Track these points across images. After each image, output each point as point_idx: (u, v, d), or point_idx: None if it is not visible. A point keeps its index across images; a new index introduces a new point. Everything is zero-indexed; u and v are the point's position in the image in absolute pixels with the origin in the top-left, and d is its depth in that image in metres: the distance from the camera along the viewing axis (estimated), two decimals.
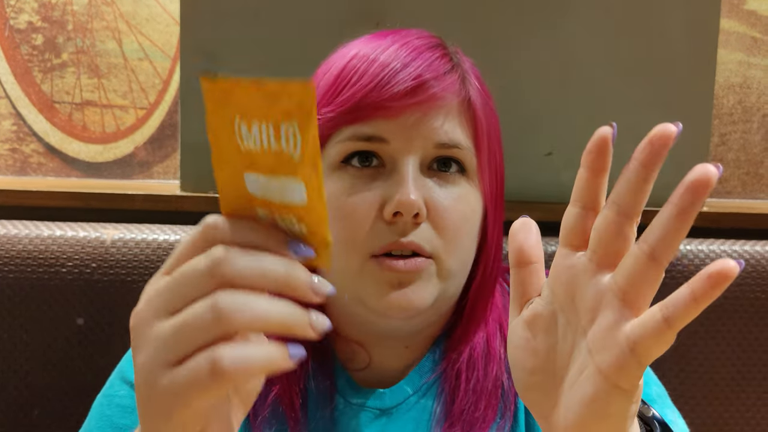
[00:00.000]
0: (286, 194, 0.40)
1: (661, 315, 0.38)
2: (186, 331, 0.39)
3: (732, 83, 1.48)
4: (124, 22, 1.42)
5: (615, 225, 0.42)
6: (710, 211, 1.23)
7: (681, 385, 1.13)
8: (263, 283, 0.39)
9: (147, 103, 1.43)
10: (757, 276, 1.12)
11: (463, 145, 0.70)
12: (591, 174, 0.44)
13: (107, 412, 0.70)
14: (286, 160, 0.38)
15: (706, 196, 0.37)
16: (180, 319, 0.40)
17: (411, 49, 0.69)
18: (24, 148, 1.43)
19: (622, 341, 0.40)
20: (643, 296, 0.40)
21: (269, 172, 0.39)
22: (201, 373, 0.38)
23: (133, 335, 0.42)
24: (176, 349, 0.39)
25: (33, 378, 1.05)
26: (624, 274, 0.41)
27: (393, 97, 0.66)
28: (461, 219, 0.70)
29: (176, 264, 0.42)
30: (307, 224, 0.41)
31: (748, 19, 1.47)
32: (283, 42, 1.19)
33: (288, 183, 0.39)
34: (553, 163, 1.21)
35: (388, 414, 0.74)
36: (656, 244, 0.39)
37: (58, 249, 1.05)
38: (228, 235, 0.41)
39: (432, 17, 1.19)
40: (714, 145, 1.48)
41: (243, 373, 0.39)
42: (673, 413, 0.72)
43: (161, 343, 0.40)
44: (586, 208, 0.44)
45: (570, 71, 1.21)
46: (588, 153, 0.44)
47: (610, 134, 0.44)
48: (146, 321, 0.41)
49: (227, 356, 0.38)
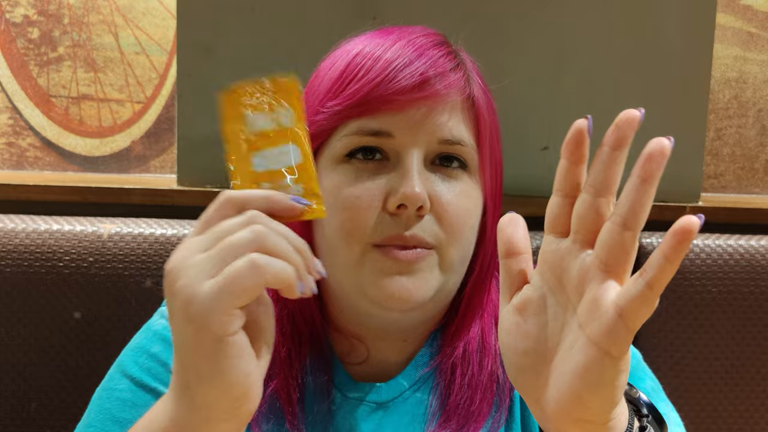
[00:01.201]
0: (286, 158, 0.55)
1: (642, 279, 0.42)
2: (227, 248, 0.47)
3: (728, 78, 1.48)
4: (120, 16, 1.41)
5: (593, 206, 0.45)
6: (705, 206, 1.24)
7: (675, 378, 1.13)
8: (290, 241, 0.50)
9: (144, 97, 1.43)
10: (752, 270, 1.13)
11: (466, 142, 0.71)
12: (570, 164, 0.47)
13: (107, 405, 0.70)
14: (283, 131, 0.56)
15: (664, 163, 0.43)
16: (222, 244, 0.48)
17: (416, 47, 0.70)
18: (21, 142, 1.43)
19: (609, 309, 0.43)
20: (622, 264, 0.45)
21: (272, 144, 0.55)
22: (240, 269, 0.46)
23: (170, 275, 0.48)
24: (218, 263, 0.47)
25: (30, 372, 1.05)
26: (602, 246, 0.44)
27: (399, 91, 0.67)
28: (464, 213, 0.70)
29: (201, 226, 0.50)
30: (303, 181, 0.55)
31: (744, 14, 1.48)
32: (280, 35, 1.19)
33: (286, 147, 0.55)
34: (549, 158, 1.22)
35: (384, 407, 0.74)
36: (626, 213, 0.43)
37: (55, 243, 1.05)
38: (242, 198, 0.51)
39: (427, 12, 1.19)
40: (709, 140, 1.49)
41: (274, 271, 0.47)
42: (667, 407, 0.73)
43: (203, 263, 0.47)
44: (567, 195, 0.48)
45: (566, 66, 1.22)
46: (566, 145, 0.47)
47: (585, 126, 0.48)
48: (184, 259, 0.48)
49: (262, 257, 0.47)
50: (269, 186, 0.54)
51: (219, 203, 0.50)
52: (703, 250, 1.13)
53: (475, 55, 0.80)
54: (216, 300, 0.46)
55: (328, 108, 0.70)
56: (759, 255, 1.14)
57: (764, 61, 1.49)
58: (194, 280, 0.46)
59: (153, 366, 0.71)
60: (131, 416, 0.68)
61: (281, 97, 0.56)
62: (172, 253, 0.50)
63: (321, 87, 0.72)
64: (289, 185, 0.54)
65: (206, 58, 1.19)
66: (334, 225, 0.69)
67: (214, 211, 0.50)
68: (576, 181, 0.47)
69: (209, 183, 1.19)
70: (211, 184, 1.19)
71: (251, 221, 0.49)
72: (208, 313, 0.46)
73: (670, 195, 1.23)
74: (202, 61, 1.19)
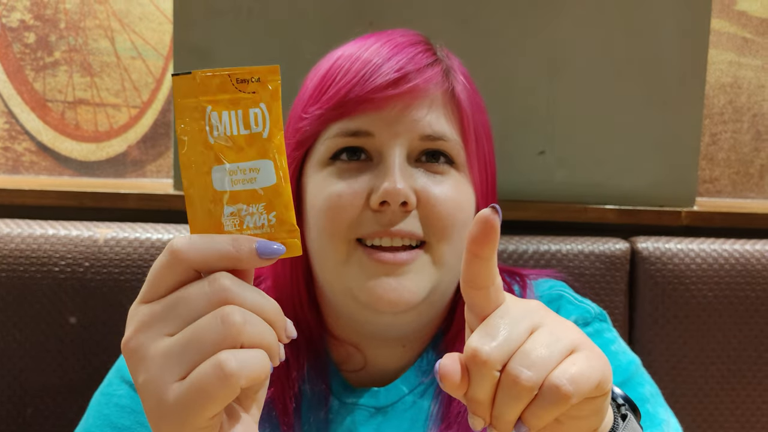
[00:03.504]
0: (256, 177, 0.44)
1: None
2: (195, 342, 0.41)
3: (723, 83, 1.49)
4: (117, 21, 1.41)
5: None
6: (701, 210, 1.24)
7: (672, 383, 1.13)
8: (258, 312, 0.43)
9: (140, 102, 1.43)
10: (747, 274, 1.13)
11: (449, 137, 0.71)
12: (477, 260, 0.44)
13: (105, 411, 0.70)
14: (255, 141, 0.44)
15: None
16: (187, 333, 0.42)
17: (393, 46, 0.70)
18: (16, 146, 1.43)
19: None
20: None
21: (239, 157, 0.44)
22: (209, 378, 0.40)
23: (131, 360, 0.43)
24: (185, 360, 0.41)
25: (26, 377, 1.05)
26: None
27: (376, 89, 0.67)
28: (452, 207, 0.70)
29: (155, 290, 0.44)
30: (276, 209, 0.44)
31: (738, 19, 1.48)
32: (276, 41, 1.19)
33: (257, 164, 0.44)
34: (546, 162, 1.22)
35: (383, 412, 0.74)
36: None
37: (51, 248, 1.04)
38: (199, 258, 0.43)
39: (425, 16, 1.19)
40: (705, 145, 1.49)
41: (247, 374, 0.41)
42: (666, 412, 0.73)
43: (167, 359, 0.41)
44: (479, 287, 0.45)
45: (563, 71, 1.22)
46: (473, 241, 0.43)
47: (493, 219, 0.43)
48: (144, 344, 0.43)
49: (233, 359, 0.40)
50: (232, 211, 0.44)
51: (169, 261, 0.43)
52: (699, 255, 1.14)
53: (472, 60, 0.80)
54: (186, 411, 0.41)
55: (310, 113, 0.70)
56: (754, 259, 1.14)
57: (759, 66, 1.49)
58: (159, 380, 0.41)
59: None
60: (130, 422, 0.68)
61: (258, 96, 0.44)
62: (128, 321, 0.44)
63: (305, 94, 0.73)
64: (257, 212, 0.44)
65: (203, 62, 1.19)
66: (320, 226, 0.69)
67: (165, 269, 0.43)
68: (486, 275, 0.44)
69: None
70: None
71: (218, 295, 0.42)
72: (180, 421, 0.41)
73: (665, 200, 1.24)
74: (198, 65, 1.19)
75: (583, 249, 1.12)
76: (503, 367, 0.42)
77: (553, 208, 1.21)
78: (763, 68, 1.50)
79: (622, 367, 0.74)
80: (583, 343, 0.45)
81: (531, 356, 0.42)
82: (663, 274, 1.13)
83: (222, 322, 0.41)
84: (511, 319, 0.44)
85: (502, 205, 0.81)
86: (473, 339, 0.43)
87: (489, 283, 0.44)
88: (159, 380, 0.41)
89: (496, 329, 0.43)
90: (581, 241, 1.14)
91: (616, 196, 1.23)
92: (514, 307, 0.45)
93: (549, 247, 1.12)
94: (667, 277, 1.13)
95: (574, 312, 0.78)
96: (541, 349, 0.42)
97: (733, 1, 1.48)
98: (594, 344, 0.46)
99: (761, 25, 1.49)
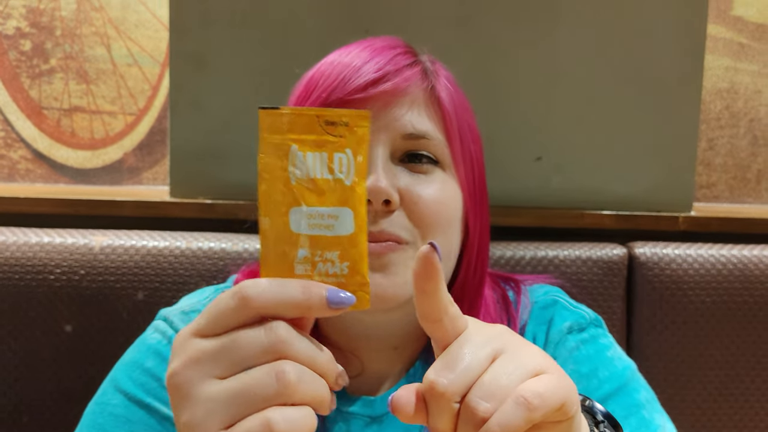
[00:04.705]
0: (334, 225, 0.43)
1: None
2: (246, 395, 0.41)
3: (719, 88, 1.49)
4: (112, 28, 1.41)
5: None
6: (698, 216, 1.24)
7: (670, 388, 1.13)
8: (311, 365, 0.43)
9: (136, 109, 1.43)
10: (745, 280, 1.13)
11: (432, 135, 0.71)
12: (424, 295, 0.44)
13: (99, 420, 0.69)
14: (337, 187, 0.43)
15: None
16: (239, 383, 0.41)
17: (373, 49, 0.71)
18: (12, 154, 1.43)
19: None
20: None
21: (319, 202, 0.43)
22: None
23: (176, 394, 0.43)
24: (233, 412, 0.41)
25: (21, 385, 1.04)
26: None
27: (356, 89, 0.68)
28: (437, 205, 0.69)
29: (214, 327, 0.43)
30: (350, 260, 0.44)
31: (734, 25, 1.49)
32: (272, 48, 1.19)
33: (336, 211, 0.43)
34: (543, 168, 1.22)
35: (378, 421, 0.74)
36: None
37: (47, 256, 1.04)
38: (269, 305, 0.42)
39: (422, 24, 1.19)
40: (701, 150, 1.49)
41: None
42: (662, 417, 0.72)
43: (215, 405, 0.41)
44: (432, 321, 0.45)
45: (559, 77, 1.22)
46: (416, 277, 0.44)
47: (431, 255, 0.43)
48: (193, 381, 0.42)
49: (282, 420, 0.40)
50: (305, 255, 0.43)
51: (237, 305, 0.42)
52: (696, 260, 1.13)
53: (469, 67, 0.81)
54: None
55: None
56: (752, 264, 1.14)
57: (755, 72, 1.50)
58: (204, 426, 0.41)
59: (147, 381, 0.71)
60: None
61: (345, 141, 0.43)
62: (176, 351, 0.43)
63: (291, 101, 0.74)
64: (331, 260, 0.44)
65: (199, 69, 1.19)
66: None
67: (231, 311, 0.43)
68: (437, 307, 0.44)
69: (202, 195, 1.19)
70: (203, 196, 1.19)
71: (274, 346, 0.42)
72: None
73: (662, 205, 1.24)
74: (194, 72, 1.19)
75: (580, 255, 1.12)
76: (462, 398, 0.42)
77: (550, 213, 1.21)
78: (760, 73, 1.50)
79: (618, 373, 0.74)
80: (549, 367, 0.44)
81: (490, 387, 0.42)
82: (661, 279, 1.12)
83: (276, 380, 0.41)
84: (472, 348, 0.43)
85: (499, 211, 0.81)
86: (431, 371, 0.43)
87: (440, 315, 0.44)
88: (204, 425, 0.41)
89: (455, 359, 0.43)
90: (578, 247, 1.13)
91: (613, 202, 1.23)
92: (476, 334, 0.45)
93: (546, 252, 1.12)
94: (665, 282, 1.12)
95: (569, 317, 0.78)
96: (502, 378, 0.42)
97: (729, 7, 1.48)
98: (561, 369, 0.45)
99: (757, 31, 1.49)
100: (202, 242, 1.07)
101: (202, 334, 0.43)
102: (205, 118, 1.20)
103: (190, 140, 1.20)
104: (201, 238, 1.07)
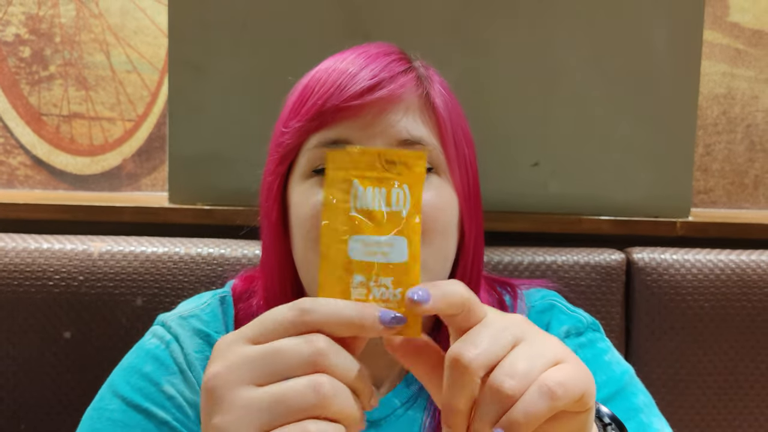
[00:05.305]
0: (389, 252, 0.47)
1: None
2: (284, 404, 0.41)
3: (716, 94, 1.50)
4: (112, 35, 1.42)
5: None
6: (695, 221, 1.24)
7: (668, 393, 1.13)
8: (347, 381, 0.43)
9: (135, 116, 1.43)
10: (743, 285, 1.13)
11: (427, 141, 0.71)
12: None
13: (97, 426, 0.69)
14: (394, 218, 0.47)
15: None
16: (278, 392, 0.42)
17: (367, 56, 0.71)
18: (11, 160, 1.43)
19: None
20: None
21: (377, 231, 0.47)
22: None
23: (211, 397, 0.43)
24: (270, 420, 0.41)
25: (20, 392, 1.04)
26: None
27: (351, 97, 0.68)
28: (436, 210, 0.70)
29: (264, 335, 0.43)
30: (403, 286, 0.46)
31: (731, 31, 1.49)
32: (271, 55, 1.20)
33: (392, 240, 0.47)
34: (540, 174, 1.22)
35: (376, 426, 0.74)
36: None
37: (45, 262, 1.04)
38: (325, 320, 0.43)
39: (420, 30, 1.20)
40: (699, 156, 1.49)
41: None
42: (660, 422, 0.72)
43: (253, 412, 0.41)
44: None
45: (556, 83, 1.22)
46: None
47: (417, 299, 0.45)
48: (230, 385, 0.42)
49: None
50: (361, 281, 0.46)
51: (295, 319, 0.44)
52: (694, 265, 1.14)
53: (466, 73, 0.81)
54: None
55: (290, 127, 0.71)
56: (750, 269, 1.14)
57: (752, 77, 1.50)
58: (235, 430, 0.41)
59: (145, 386, 0.71)
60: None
61: (403, 178, 0.47)
62: (217, 354, 0.44)
63: (286, 109, 0.74)
64: (385, 286, 0.46)
65: (198, 76, 1.19)
66: (304, 234, 0.69)
67: (287, 323, 0.44)
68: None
69: (200, 201, 1.19)
70: (202, 202, 1.19)
71: (313, 358, 0.42)
72: None
73: (660, 211, 1.24)
74: (193, 79, 1.19)
75: (578, 260, 1.13)
76: (485, 376, 0.42)
77: (547, 219, 1.21)
78: (757, 79, 1.51)
79: (616, 377, 0.74)
80: (567, 356, 0.45)
81: (514, 367, 0.42)
82: (659, 284, 1.13)
83: (314, 392, 0.41)
84: (494, 331, 0.44)
85: (497, 216, 0.81)
86: (455, 346, 0.43)
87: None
88: (236, 430, 0.41)
89: (479, 338, 0.43)
90: (576, 252, 1.14)
91: (611, 207, 1.24)
92: (497, 320, 0.45)
93: (544, 258, 1.12)
94: (663, 287, 1.13)
95: (567, 322, 0.78)
96: (524, 361, 0.42)
97: (725, 13, 1.49)
98: (579, 359, 0.46)
99: (753, 36, 1.50)
100: (200, 248, 1.07)
101: (249, 340, 0.44)
102: (203, 125, 1.20)
103: (188, 146, 1.20)
104: (200, 244, 1.08)
